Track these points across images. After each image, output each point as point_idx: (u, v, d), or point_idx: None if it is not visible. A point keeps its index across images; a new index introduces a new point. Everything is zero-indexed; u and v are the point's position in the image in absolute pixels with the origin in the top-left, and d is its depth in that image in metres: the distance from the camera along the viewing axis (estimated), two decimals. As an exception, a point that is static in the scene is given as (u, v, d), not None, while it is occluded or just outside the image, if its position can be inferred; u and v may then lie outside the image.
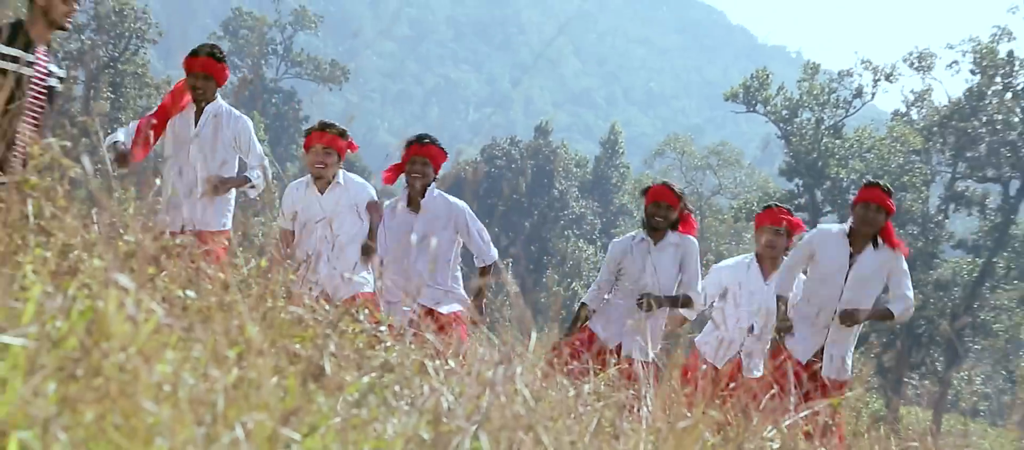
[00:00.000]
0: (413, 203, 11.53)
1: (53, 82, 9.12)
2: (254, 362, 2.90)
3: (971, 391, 66.37)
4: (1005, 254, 63.58)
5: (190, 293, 3.50)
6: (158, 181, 7.46)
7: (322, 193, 11.44)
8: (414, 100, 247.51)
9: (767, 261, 11.91)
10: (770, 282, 11.77)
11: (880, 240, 11.23)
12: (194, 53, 11.79)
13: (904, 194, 65.13)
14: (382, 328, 4.05)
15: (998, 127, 65.17)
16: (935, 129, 66.69)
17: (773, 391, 4.82)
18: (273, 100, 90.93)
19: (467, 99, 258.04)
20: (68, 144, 4.27)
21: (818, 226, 11.80)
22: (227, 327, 3.15)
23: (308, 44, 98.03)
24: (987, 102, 65.53)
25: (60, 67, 9.23)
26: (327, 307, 4.00)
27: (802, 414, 4.83)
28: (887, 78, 69.50)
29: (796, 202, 67.38)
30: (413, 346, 3.97)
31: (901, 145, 66.75)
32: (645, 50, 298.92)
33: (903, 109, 70.76)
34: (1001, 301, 62.97)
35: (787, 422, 4.55)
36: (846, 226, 11.32)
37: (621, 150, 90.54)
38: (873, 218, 11.17)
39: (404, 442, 3.09)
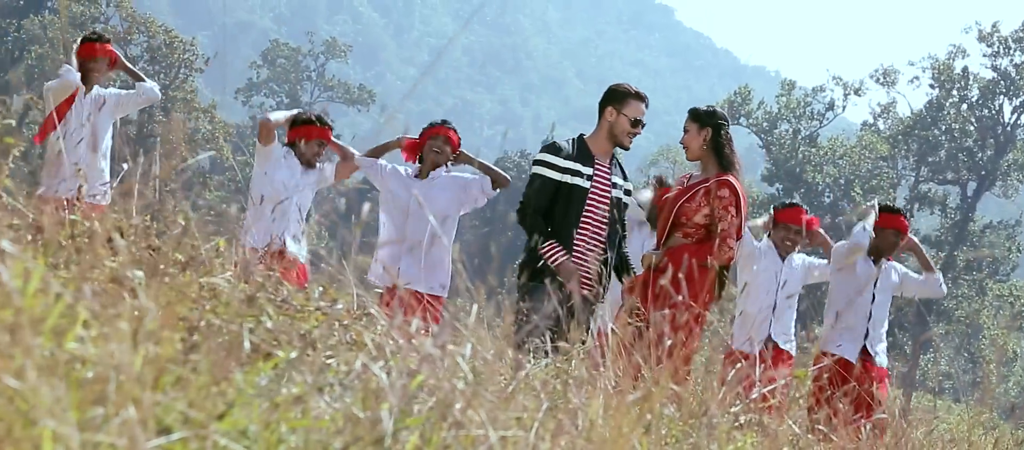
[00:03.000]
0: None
1: (619, 194, 8.80)
2: (169, 338, 2.45)
3: (937, 371, 66.00)
4: (964, 248, 63.48)
5: (139, 273, 3.04)
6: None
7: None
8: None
9: (783, 249, 11.44)
10: (788, 260, 11.31)
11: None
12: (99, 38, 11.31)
13: (874, 196, 64.87)
14: (338, 305, 3.54)
15: (955, 135, 65.24)
16: (900, 137, 66.62)
17: (739, 365, 4.38)
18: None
19: (482, 118, 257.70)
20: (12, 124, 3.85)
21: None
22: (137, 303, 2.68)
23: (339, 71, 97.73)
24: (945, 113, 65.56)
25: (625, 179, 8.93)
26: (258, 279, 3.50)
27: (768, 388, 4.34)
28: (856, 92, 69.31)
29: (777, 204, 67.05)
30: (351, 319, 3.50)
31: (870, 152, 66.62)
32: (640, 71, 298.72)
33: (871, 120, 70.65)
34: (962, 290, 62.78)
35: (753, 395, 4.10)
36: None
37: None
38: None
39: (334, 422, 2.63)
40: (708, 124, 8.60)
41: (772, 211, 11.62)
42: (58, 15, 65.56)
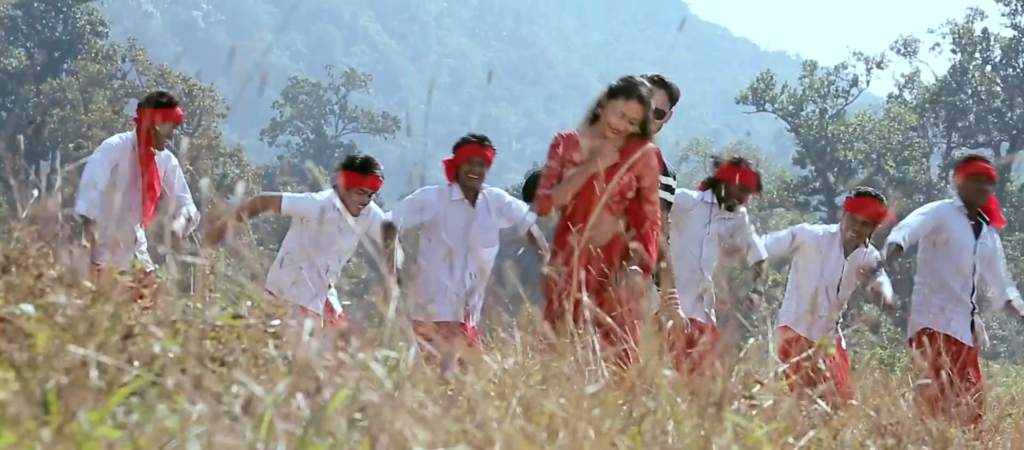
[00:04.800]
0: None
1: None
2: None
3: (990, 334, 65.39)
4: (1004, 209, 62.94)
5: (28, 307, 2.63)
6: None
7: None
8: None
9: (850, 243, 10.86)
10: (849, 259, 10.75)
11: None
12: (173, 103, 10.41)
13: (907, 167, 64.57)
14: (273, 321, 3.07)
15: (983, 97, 64.87)
16: (927, 106, 66.25)
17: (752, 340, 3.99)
18: (335, 155, 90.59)
19: (508, 132, 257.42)
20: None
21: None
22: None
23: (361, 101, 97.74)
24: (970, 76, 65.21)
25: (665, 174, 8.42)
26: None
27: (792, 360, 3.90)
28: (878, 66, 68.97)
29: (811, 186, 66.79)
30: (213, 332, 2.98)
31: (899, 124, 66.20)
32: (660, 69, 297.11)
33: (896, 92, 70.27)
34: (1007, 252, 62.34)
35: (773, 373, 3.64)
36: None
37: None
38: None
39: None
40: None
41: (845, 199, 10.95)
42: (76, 76, 65.63)
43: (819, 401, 3.54)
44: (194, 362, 2.29)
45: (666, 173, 8.51)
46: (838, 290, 10.70)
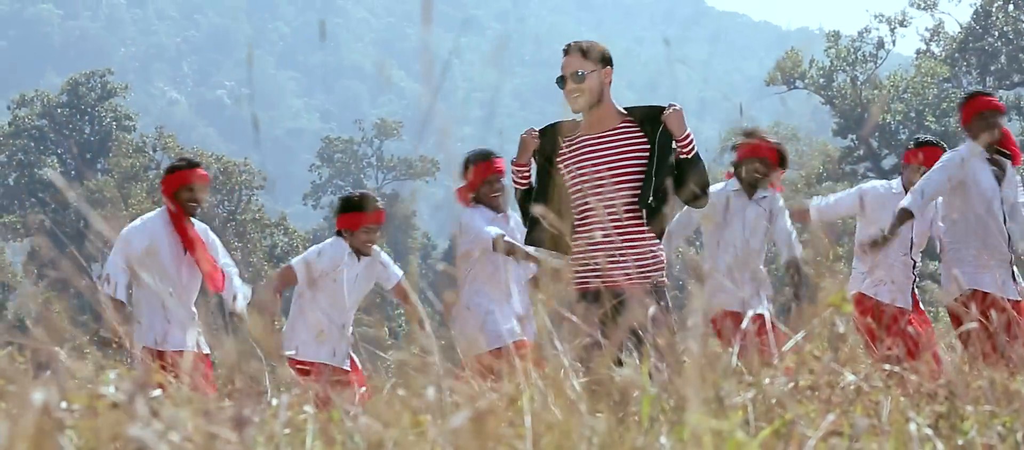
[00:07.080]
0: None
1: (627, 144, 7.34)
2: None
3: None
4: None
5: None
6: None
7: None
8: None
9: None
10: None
11: None
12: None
13: (948, 119, 63.98)
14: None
15: (1010, 37, 64.33)
16: (957, 55, 65.73)
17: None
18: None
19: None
20: None
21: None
22: None
23: (397, 149, 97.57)
24: (995, 19, 64.57)
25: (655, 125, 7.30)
26: None
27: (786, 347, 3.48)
28: (901, 24, 68.43)
29: (855, 155, 66.32)
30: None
31: (931, 78, 65.64)
32: (687, 67, 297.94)
33: (923, 47, 69.73)
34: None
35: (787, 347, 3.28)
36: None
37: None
38: None
39: None
40: None
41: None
42: (111, 174, 65.91)
43: (845, 371, 3.19)
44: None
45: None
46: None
